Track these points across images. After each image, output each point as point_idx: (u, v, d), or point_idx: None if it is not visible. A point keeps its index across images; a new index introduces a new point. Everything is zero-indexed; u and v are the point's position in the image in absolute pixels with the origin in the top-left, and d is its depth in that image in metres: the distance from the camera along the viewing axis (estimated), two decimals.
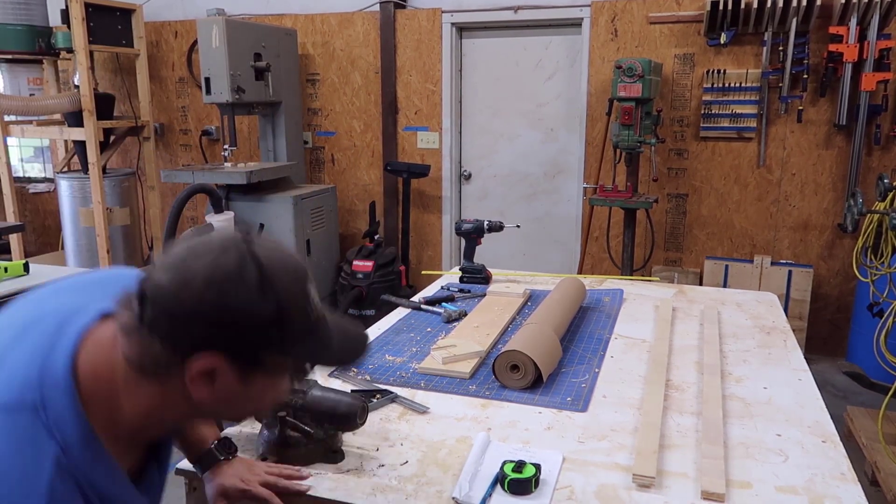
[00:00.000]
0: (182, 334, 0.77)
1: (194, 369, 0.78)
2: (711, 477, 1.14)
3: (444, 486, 1.14)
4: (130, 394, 0.80)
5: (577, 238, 4.76)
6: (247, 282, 0.77)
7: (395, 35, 4.87)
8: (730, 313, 2.08)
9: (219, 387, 0.80)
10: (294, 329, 0.80)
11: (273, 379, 0.85)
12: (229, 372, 0.79)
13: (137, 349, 0.78)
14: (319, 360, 0.89)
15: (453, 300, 2.19)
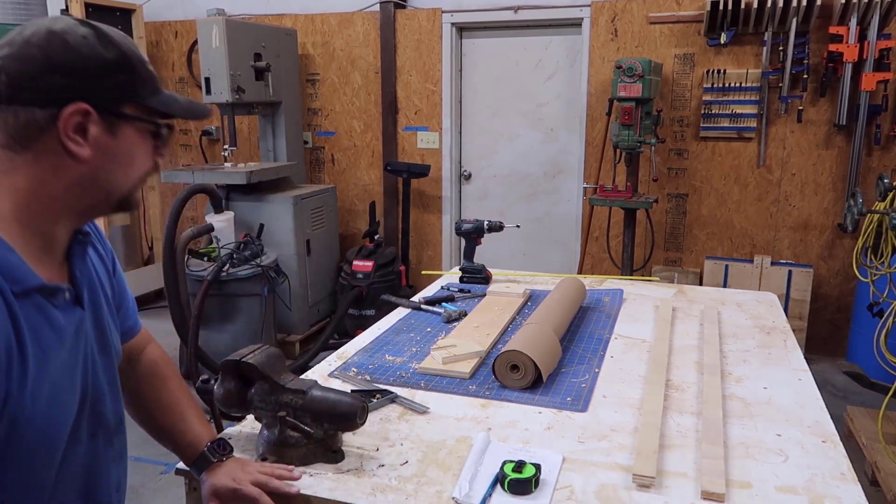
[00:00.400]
0: (43, 90, 0.82)
1: (65, 119, 0.83)
2: (711, 477, 1.13)
3: (444, 486, 1.14)
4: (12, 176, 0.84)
5: (577, 238, 4.76)
6: (86, 35, 0.84)
7: (395, 35, 4.87)
8: (730, 313, 2.07)
9: (92, 140, 0.85)
10: (141, 77, 0.89)
11: (140, 133, 0.91)
12: (98, 122, 0.85)
13: (3, 126, 0.82)
14: (172, 110, 0.93)
15: (453, 300, 2.19)
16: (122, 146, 0.89)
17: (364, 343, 1.83)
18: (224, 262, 3.61)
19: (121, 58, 0.87)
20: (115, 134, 0.88)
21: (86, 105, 0.84)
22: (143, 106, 0.90)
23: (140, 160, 0.93)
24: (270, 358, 1.27)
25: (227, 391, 1.26)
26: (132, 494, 2.85)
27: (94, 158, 0.87)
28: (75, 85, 0.83)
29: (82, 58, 0.84)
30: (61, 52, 0.83)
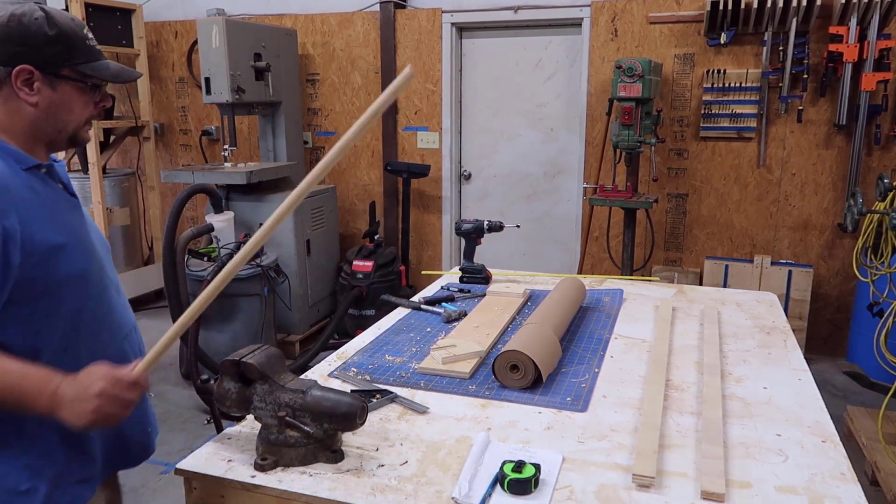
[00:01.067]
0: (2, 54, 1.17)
1: (15, 76, 1.18)
2: (711, 477, 1.13)
3: (444, 486, 1.14)
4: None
5: (577, 238, 4.76)
6: (37, 17, 1.19)
7: (395, 35, 4.87)
8: (730, 313, 2.07)
9: (38, 91, 1.20)
10: (75, 48, 1.22)
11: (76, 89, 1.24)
12: (41, 79, 1.20)
13: None
14: (102, 75, 1.26)
15: (453, 300, 2.19)
16: (62, 97, 1.23)
17: (364, 343, 1.83)
18: (224, 262, 3.61)
19: (59, 34, 1.20)
20: (55, 88, 1.22)
21: (30, 66, 1.19)
22: (77, 70, 1.23)
23: (78, 108, 1.26)
24: (270, 358, 1.27)
25: (227, 391, 1.26)
26: (132, 494, 2.85)
27: (41, 104, 1.22)
28: (23, 52, 1.18)
29: (30, 33, 1.18)
30: (16, 28, 1.18)
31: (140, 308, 5.30)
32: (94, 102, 1.29)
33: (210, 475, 1.19)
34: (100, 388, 1.10)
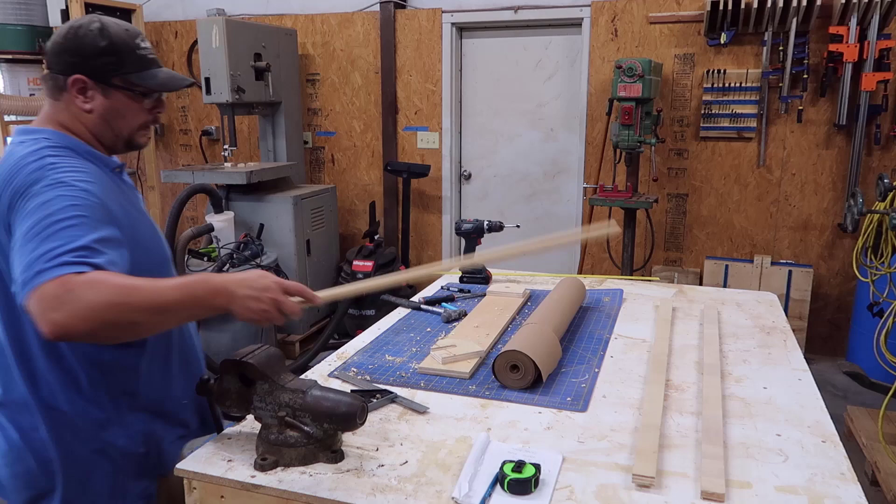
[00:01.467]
0: (60, 64, 1.28)
1: (70, 85, 1.28)
2: (711, 477, 1.13)
3: (444, 486, 1.14)
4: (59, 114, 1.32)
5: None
6: (92, 29, 1.28)
7: (395, 35, 4.87)
8: (730, 313, 2.07)
9: (91, 99, 1.30)
10: (125, 59, 1.30)
11: (127, 97, 1.32)
12: (94, 88, 1.29)
13: (46, 83, 1.31)
14: (150, 84, 1.33)
15: (453, 300, 2.19)
16: (114, 105, 1.32)
17: (364, 343, 1.83)
18: (224, 262, 3.61)
19: (110, 46, 1.28)
20: (108, 96, 1.31)
21: (83, 76, 1.28)
22: (126, 79, 1.31)
23: (131, 115, 1.34)
24: (270, 358, 1.27)
25: (227, 391, 1.26)
26: None
27: (95, 111, 1.31)
28: (77, 62, 1.28)
29: (84, 45, 1.27)
30: (72, 41, 1.28)
31: None
32: (148, 109, 1.36)
33: (210, 475, 1.19)
34: (272, 297, 1.20)
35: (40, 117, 1.34)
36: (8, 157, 1.24)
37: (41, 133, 1.28)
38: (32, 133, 1.29)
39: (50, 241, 1.08)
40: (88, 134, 1.32)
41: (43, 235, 1.08)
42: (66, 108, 1.30)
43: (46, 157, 1.21)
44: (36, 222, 1.10)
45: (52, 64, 1.30)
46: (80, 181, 1.19)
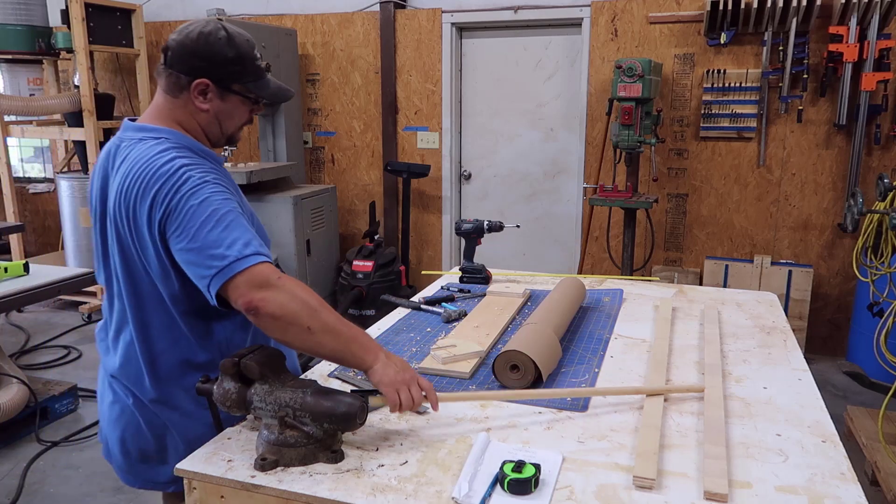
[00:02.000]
0: (186, 65, 1.37)
1: (193, 87, 1.39)
2: (714, 477, 1.13)
3: (444, 486, 1.14)
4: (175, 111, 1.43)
5: (577, 238, 4.76)
6: (220, 37, 1.37)
7: (395, 35, 4.87)
8: (730, 313, 2.07)
9: (209, 101, 1.41)
10: (246, 69, 1.41)
11: (240, 101, 1.44)
12: (214, 90, 1.40)
13: (165, 80, 1.41)
14: (262, 93, 1.46)
15: (453, 300, 2.19)
16: (228, 107, 1.44)
17: None
18: None
19: (236, 56, 1.39)
20: (224, 99, 1.42)
21: (207, 80, 1.38)
22: (244, 86, 1.43)
23: (239, 116, 1.47)
24: (270, 358, 1.27)
25: (227, 391, 1.26)
26: (132, 494, 2.85)
27: (211, 111, 1.42)
28: (204, 67, 1.38)
29: (213, 52, 1.37)
30: (203, 46, 1.36)
31: None
32: (250, 111, 1.49)
33: (210, 475, 1.19)
34: (411, 377, 1.31)
35: (155, 112, 1.44)
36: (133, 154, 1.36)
37: (161, 133, 1.40)
38: (152, 132, 1.40)
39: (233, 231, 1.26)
40: (200, 130, 1.45)
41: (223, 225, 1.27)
42: (183, 106, 1.42)
43: (177, 159, 1.32)
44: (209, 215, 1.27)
45: (177, 64, 1.38)
46: (216, 180, 1.33)
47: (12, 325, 4.94)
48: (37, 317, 5.16)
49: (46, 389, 3.54)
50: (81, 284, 3.31)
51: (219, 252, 1.24)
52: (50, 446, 3.22)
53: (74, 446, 3.26)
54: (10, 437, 3.25)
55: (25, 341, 4.65)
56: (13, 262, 3.13)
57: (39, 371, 4.14)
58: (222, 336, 1.47)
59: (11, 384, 3.27)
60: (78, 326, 4.93)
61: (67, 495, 2.85)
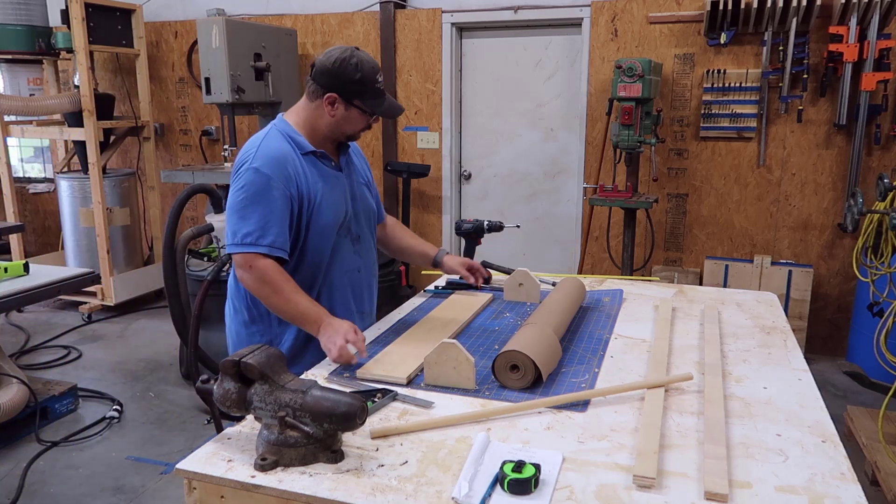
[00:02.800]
0: (323, 80, 1.79)
1: (326, 97, 1.80)
2: (714, 477, 1.13)
3: (444, 486, 1.14)
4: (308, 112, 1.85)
5: (577, 238, 4.76)
6: (353, 62, 1.78)
7: (395, 35, 4.87)
8: (730, 313, 2.07)
9: (336, 110, 1.81)
10: (368, 89, 1.81)
11: (359, 113, 1.83)
12: (340, 102, 1.80)
13: (308, 89, 1.83)
14: (377, 110, 1.85)
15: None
16: (349, 116, 1.83)
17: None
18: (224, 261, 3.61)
19: (361, 78, 1.78)
20: (347, 110, 1.82)
21: (336, 94, 1.79)
22: (363, 102, 1.82)
23: (356, 124, 1.86)
24: (270, 358, 1.27)
25: (227, 391, 1.26)
26: (132, 494, 2.85)
27: (335, 118, 1.83)
28: (336, 84, 1.79)
29: (345, 74, 1.77)
30: (338, 68, 1.77)
31: (140, 308, 5.30)
32: (367, 121, 1.87)
33: (210, 475, 1.19)
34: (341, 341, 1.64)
35: (294, 109, 1.89)
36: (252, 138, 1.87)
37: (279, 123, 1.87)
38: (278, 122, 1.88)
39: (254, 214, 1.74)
40: (324, 127, 1.85)
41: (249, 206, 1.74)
42: (314, 109, 1.84)
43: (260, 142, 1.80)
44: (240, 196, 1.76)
45: (317, 78, 1.80)
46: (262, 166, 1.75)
47: (12, 325, 4.94)
48: (37, 317, 5.16)
49: (46, 389, 3.54)
50: (81, 284, 3.31)
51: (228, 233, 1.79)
52: (50, 446, 3.22)
53: (74, 446, 3.26)
54: (10, 437, 3.25)
55: (25, 341, 4.65)
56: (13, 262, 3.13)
57: (39, 371, 4.14)
58: None
59: (11, 384, 3.27)
60: (78, 326, 4.93)
61: (67, 495, 2.85)
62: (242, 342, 1.94)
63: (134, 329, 4.92)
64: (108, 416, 3.52)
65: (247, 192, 1.74)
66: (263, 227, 1.73)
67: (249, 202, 1.74)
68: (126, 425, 3.47)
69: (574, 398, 1.45)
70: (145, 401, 3.76)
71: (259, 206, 1.73)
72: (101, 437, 3.35)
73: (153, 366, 4.24)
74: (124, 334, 4.81)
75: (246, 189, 1.74)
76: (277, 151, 1.78)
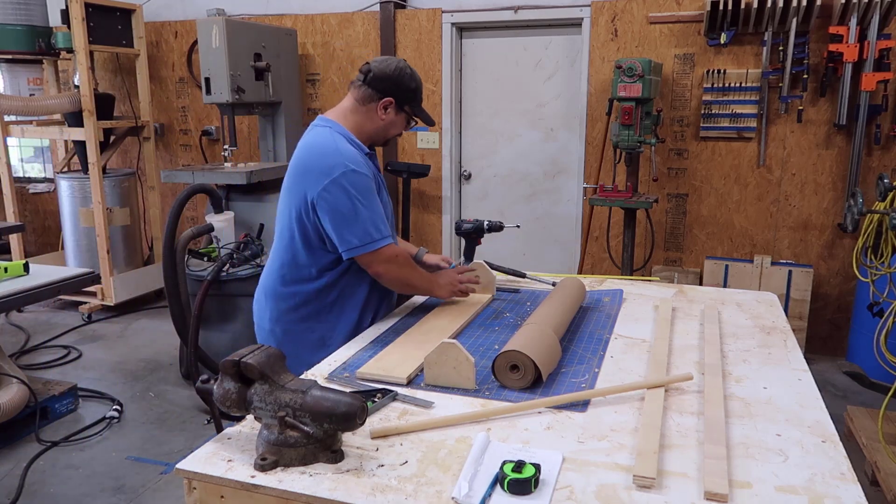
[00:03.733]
0: (380, 86, 1.93)
1: (381, 102, 1.94)
2: (714, 477, 1.13)
3: (444, 486, 1.14)
4: (357, 115, 1.97)
5: (577, 238, 4.76)
6: (408, 73, 1.96)
7: (395, 35, 4.87)
8: (730, 313, 2.07)
9: (387, 114, 1.96)
10: (417, 97, 2.00)
11: (404, 118, 2.02)
12: (393, 108, 1.96)
13: (360, 93, 1.96)
14: (422, 116, 2.05)
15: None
16: (396, 121, 2.00)
17: (364, 343, 1.83)
18: (224, 262, 3.61)
19: (415, 87, 1.98)
20: (397, 115, 1.98)
21: (391, 99, 1.94)
22: (411, 108, 2.00)
23: (399, 128, 2.03)
24: (270, 358, 1.27)
25: (227, 391, 1.26)
26: (132, 494, 2.85)
27: (385, 121, 1.98)
28: (393, 90, 1.94)
29: (402, 81, 1.95)
30: (397, 76, 1.94)
31: (140, 308, 5.30)
32: (405, 126, 2.05)
33: (210, 475, 1.19)
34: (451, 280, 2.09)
35: (339, 112, 1.98)
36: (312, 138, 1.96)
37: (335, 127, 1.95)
38: (329, 124, 1.96)
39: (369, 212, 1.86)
40: (371, 130, 1.98)
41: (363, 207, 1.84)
42: (365, 113, 1.96)
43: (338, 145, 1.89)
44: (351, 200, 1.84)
45: (374, 83, 1.92)
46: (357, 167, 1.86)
47: (12, 325, 4.94)
48: (37, 317, 5.16)
49: (46, 389, 3.54)
50: (81, 284, 3.31)
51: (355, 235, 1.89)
52: (50, 446, 3.22)
53: (74, 446, 3.26)
54: (10, 437, 3.25)
55: (25, 341, 4.65)
56: (13, 262, 3.13)
57: (39, 371, 4.14)
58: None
59: (11, 384, 3.27)
60: (78, 326, 4.93)
61: (67, 495, 2.85)
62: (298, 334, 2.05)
63: (134, 329, 4.92)
64: (108, 416, 3.52)
65: (358, 191, 1.83)
66: (382, 220, 1.90)
67: (365, 200, 1.85)
68: (126, 425, 3.47)
69: (574, 398, 1.45)
70: (145, 401, 3.76)
71: (373, 202, 1.88)
72: (101, 437, 3.35)
73: (153, 366, 4.24)
74: (124, 334, 4.82)
75: (356, 189, 1.83)
76: (355, 153, 1.90)
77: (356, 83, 1.95)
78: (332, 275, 1.98)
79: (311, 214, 1.88)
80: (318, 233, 1.91)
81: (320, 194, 1.82)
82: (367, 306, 2.06)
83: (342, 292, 2.01)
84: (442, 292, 2.06)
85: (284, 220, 2.01)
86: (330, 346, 1.93)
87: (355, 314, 2.03)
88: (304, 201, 1.88)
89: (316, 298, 2.00)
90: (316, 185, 1.83)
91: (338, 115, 1.97)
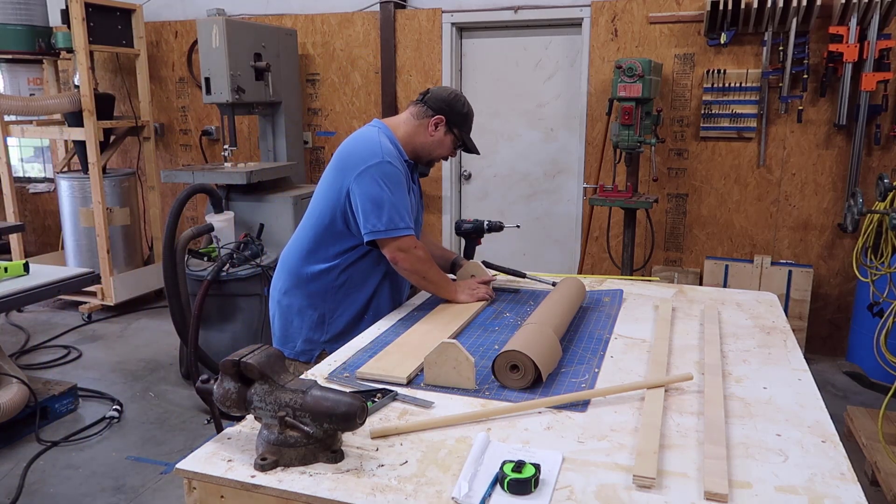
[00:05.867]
0: (436, 105, 2.10)
1: (433, 119, 2.11)
2: (714, 477, 1.13)
3: (444, 486, 1.14)
4: (409, 127, 2.13)
5: (577, 238, 4.76)
6: (463, 101, 2.15)
7: (395, 35, 4.87)
8: (730, 313, 2.07)
9: (437, 131, 2.12)
10: (467, 123, 2.16)
11: (451, 140, 2.15)
12: (443, 126, 2.12)
13: (416, 109, 2.13)
14: (468, 142, 2.18)
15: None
16: (443, 140, 2.14)
17: (364, 343, 1.83)
18: (224, 262, 3.61)
19: (466, 113, 2.15)
20: (446, 135, 2.14)
21: (442, 118, 2.11)
22: (460, 131, 2.15)
23: (445, 149, 2.17)
24: (270, 358, 1.27)
25: (227, 391, 1.26)
26: (132, 494, 2.85)
27: (433, 138, 2.13)
28: (446, 110, 2.11)
29: (456, 105, 2.12)
30: (454, 101, 2.12)
31: (140, 308, 5.30)
32: (451, 151, 2.18)
33: (210, 475, 1.19)
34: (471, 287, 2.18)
35: (396, 120, 2.15)
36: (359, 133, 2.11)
37: (384, 129, 2.10)
38: (380, 126, 2.11)
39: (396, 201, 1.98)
40: (418, 144, 2.13)
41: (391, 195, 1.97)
42: (416, 126, 2.12)
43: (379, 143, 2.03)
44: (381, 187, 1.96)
45: (430, 102, 2.10)
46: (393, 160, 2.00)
47: (12, 325, 4.95)
48: (37, 317, 5.16)
49: (46, 389, 3.54)
50: (81, 284, 3.31)
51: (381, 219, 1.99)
52: (50, 446, 3.23)
53: (74, 446, 3.26)
54: (10, 437, 3.25)
55: (25, 341, 4.65)
56: (13, 262, 3.13)
57: (39, 371, 4.14)
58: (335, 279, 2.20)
59: (11, 384, 3.27)
60: (78, 326, 4.93)
61: (67, 495, 2.85)
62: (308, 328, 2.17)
63: (134, 329, 4.92)
64: (108, 415, 3.52)
65: (390, 181, 1.97)
66: (408, 211, 2.00)
67: (395, 190, 1.97)
68: (126, 425, 3.47)
69: (574, 398, 1.45)
70: (145, 401, 3.76)
71: (401, 194, 2.00)
72: (100, 437, 3.35)
73: (153, 366, 4.24)
74: (124, 334, 4.82)
75: (388, 179, 1.97)
76: (395, 151, 2.05)
77: (415, 101, 2.14)
78: (346, 258, 2.10)
79: (342, 198, 2.02)
80: (345, 216, 2.04)
81: (356, 179, 1.97)
82: (374, 299, 2.17)
83: (351, 277, 2.13)
84: (462, 296, 2.13)
85: (318, 200, 2.13)
86: (328, 328, 2.15)
87: (359, 303, 2.15)
88: (341, 185, 2.02)
89: (325, 278, 2.12)
90: (353, 171, 1.98)
91: (392, 122, 2.14)
